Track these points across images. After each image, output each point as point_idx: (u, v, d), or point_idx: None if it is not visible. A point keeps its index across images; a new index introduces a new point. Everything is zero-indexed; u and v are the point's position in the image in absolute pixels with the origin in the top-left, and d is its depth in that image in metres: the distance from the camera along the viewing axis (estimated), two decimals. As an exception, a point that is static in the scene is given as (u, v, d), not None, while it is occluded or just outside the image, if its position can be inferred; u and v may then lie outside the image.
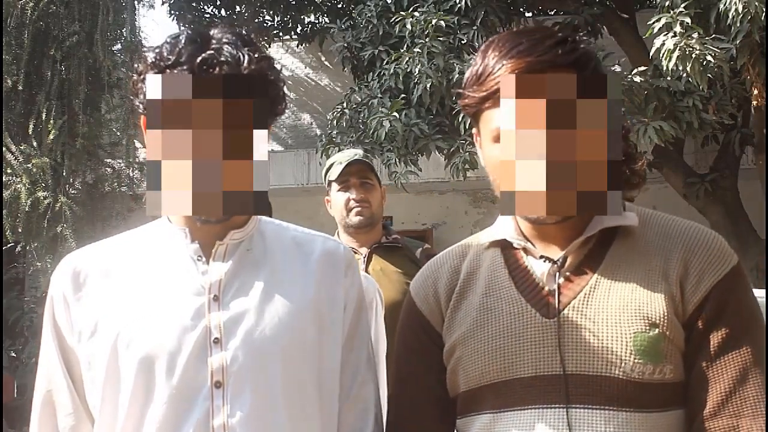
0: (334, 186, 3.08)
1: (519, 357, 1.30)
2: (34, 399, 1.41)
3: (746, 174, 6.84)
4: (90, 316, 1.34)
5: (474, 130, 1.39)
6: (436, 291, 1.43)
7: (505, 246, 1.40)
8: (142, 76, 1.33)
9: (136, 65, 1.37)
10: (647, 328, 1.25)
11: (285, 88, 1.41)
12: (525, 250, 1.37)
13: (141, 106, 1.34)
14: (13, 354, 7.99)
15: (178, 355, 1.29)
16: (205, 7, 9.61)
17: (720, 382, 1.25)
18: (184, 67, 1.27)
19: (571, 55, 1.27)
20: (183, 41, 1.30)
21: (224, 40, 1.30)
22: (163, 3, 9.33)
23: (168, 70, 1.28)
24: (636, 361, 1.25)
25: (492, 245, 1.42)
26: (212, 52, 1.28)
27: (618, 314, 1.27)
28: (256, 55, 1.29)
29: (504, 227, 1.40)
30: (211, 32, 1.33)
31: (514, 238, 1.38)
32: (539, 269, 1.34)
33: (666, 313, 1.26)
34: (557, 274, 1.32)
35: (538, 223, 1.32)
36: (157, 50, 1.32)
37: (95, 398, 1.33)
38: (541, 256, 1.34)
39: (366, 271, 3.00)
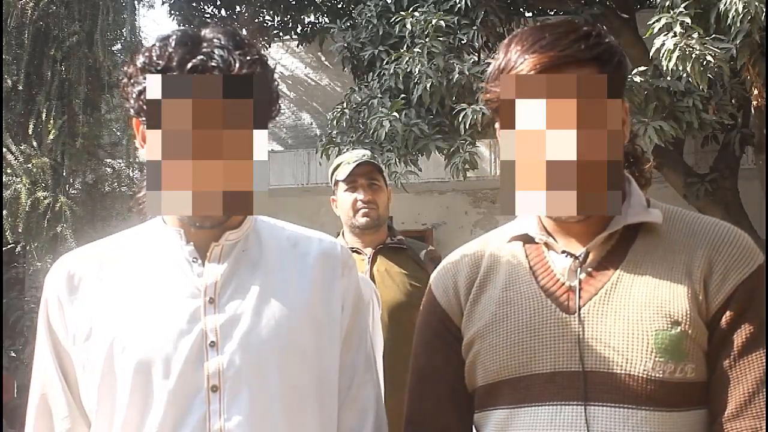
0: (342, 186, 3.08)
1: (538, 353, 1.29)
2: (29, 402, 1.39)
3: (746, 174, 6.84)
4: (85, 319, 1.33)
5: (497, 125, 1.35)
6: (456, 284, 1.42)
7: (526, 241, 1.39)
8: (131, 80, 1.31)
9: (125, 68, 1.34)
10: (669, 326, 1.24)
11: (282, 88, 1.39)
12: (547, 245, 1.36)
13: (132, 109, 1.33)
14: (13, 354, 7.98)
15: (173, 359, 1.27)
16: (205, 7, 9.61)
17: (743, 383, 1.23)
18: (174, 73, 1.25)
19: (594, 50, 1.26)
20: (173, 44, 1.28)
21: (215, 42, 1.27)
22: (163, 3, 9.33)
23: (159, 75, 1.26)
24: (657, 359, 1.23)
25: (513, 240, 1.41)
26: (203, 57, 1.25)
27: (639, 311, 1.25)
28: (248, 58, 1.27)
29: (526, 222, 1.39)
30: (203, 33, 1.30)
31: (536, 233, 1.36)
32: (561, 264, 1.33)
33: (689, 311, 1.24)
34: (579, 269, 1.31)
35: (565, 221, 1.31)
36: (146, 53, 1.29)
37: (91, 402, 1.32)
38: (563, 251, 1.33)
39: (370, 271, 3.02)
